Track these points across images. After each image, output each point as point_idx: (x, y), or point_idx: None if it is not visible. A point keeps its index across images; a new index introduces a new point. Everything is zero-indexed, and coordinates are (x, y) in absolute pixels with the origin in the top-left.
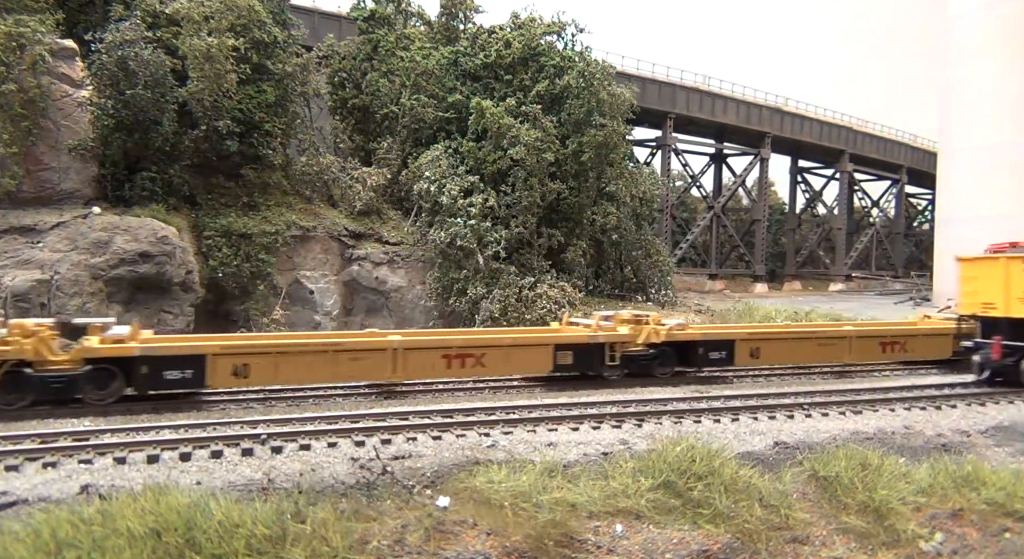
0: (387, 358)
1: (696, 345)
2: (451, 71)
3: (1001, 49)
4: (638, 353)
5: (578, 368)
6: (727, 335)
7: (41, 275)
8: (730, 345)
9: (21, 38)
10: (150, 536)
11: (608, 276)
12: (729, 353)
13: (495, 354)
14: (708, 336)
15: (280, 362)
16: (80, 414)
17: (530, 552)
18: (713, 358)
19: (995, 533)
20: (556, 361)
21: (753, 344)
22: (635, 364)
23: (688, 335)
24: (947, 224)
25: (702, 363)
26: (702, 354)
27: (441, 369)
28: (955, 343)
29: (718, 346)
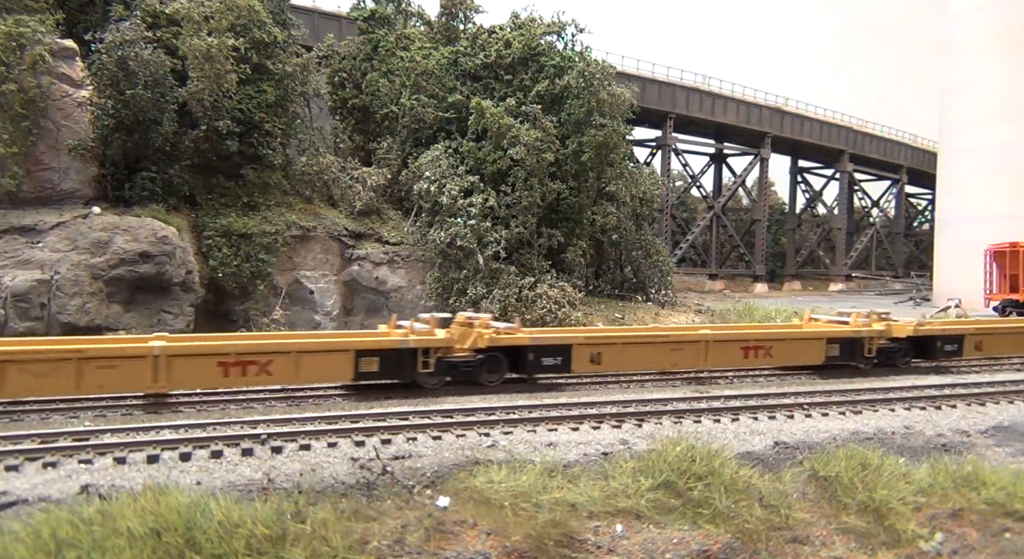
0: (147, 366)
1: (527, 350)
2: (451, 71)
3: (1001, 48)
4: (461, 359)
5: (386, 376)
6: (562, 340)
7: (41, 275)
8: (567, 350)
9: (21, 38)
10: (150, 536)
11: (608, 276)
12: (566, 359)
13: (283, 361)
14: (539, 341)
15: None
16: (80, 414)
17: (530, 552)
18: (547, 364)
19: (995, 533)
20: (359, 368)
21: (594, 349)
22: (457, 371)
23: (516, 340)
24: (947, 224)
25: (533, 369)
26: (533, 360)
27: (216, 378)
28: (829, 348)
29: (553, 351)
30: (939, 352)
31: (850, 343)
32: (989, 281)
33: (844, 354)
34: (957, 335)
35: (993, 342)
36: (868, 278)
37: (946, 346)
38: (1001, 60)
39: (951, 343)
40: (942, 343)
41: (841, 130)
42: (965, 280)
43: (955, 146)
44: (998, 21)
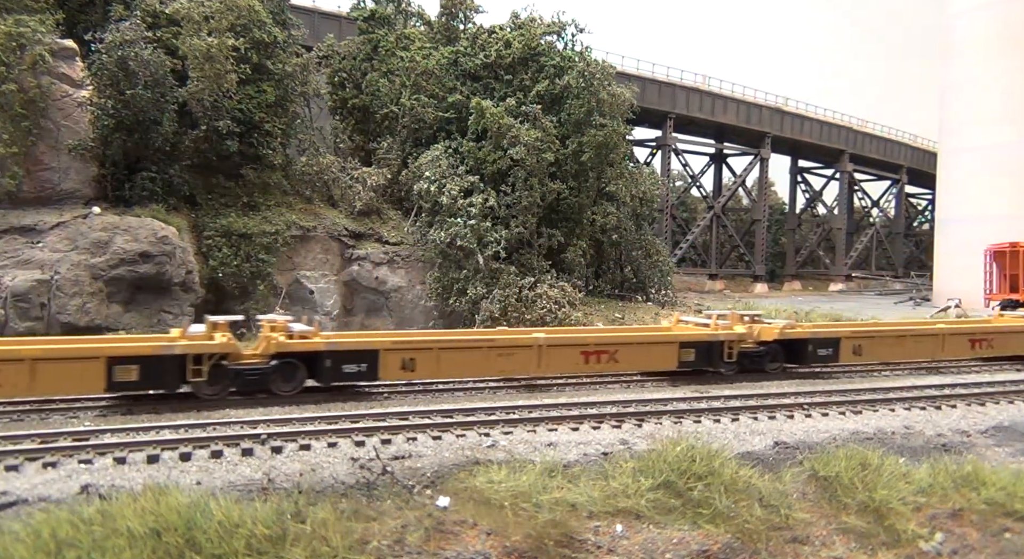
0: None
1: (323, 356)
2: (451, 71)
3: (1001, 48)
4: (247, 366)
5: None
6: (366, 345)
7: (41, 275)
8: (372, 356)
9: (21, 38)
10: (150, 536)
11: (608, 276)
12: (372, 365)
13: None
14: (337, 346)
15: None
16: (80, 414)
17: (530, 552)
18: (348, 372)
19: (995, 533)
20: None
21: (405, 354)
22: (242, 380)
23: (310, 345)
24: (947, 224)
25: (331, 377)
26: (331, 367)
27: None
28: (683, 352)
29: (356, 357)
30: (812, 357)
31: (707, 347)
32: (989, 281)
33: (701, 359)
34: (832, 338)
35: (874, 346)
36: (868, 278)
37: (820, 350)
38: (1001, 60)
39: (825, 347)
40: (815, 347)
41: (841, 130)
42: (965, 280)
43: (955, 146)
44: (998, 21)
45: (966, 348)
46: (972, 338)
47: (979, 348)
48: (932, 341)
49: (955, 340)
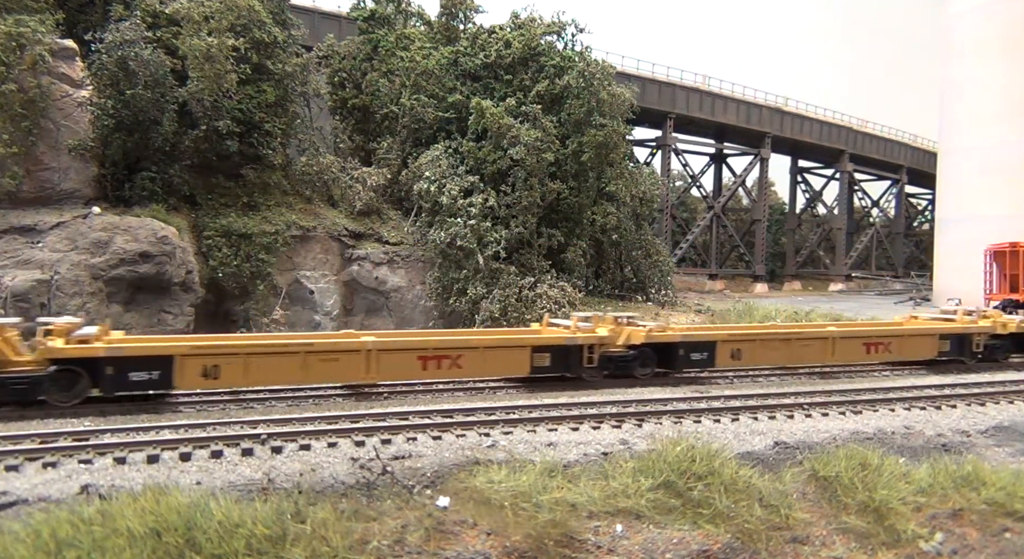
0: None
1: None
2: (451, 71)
3: (1000, 48)
4: None
5: None
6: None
7: (41, 275)
8: (168, 363)
9: (21, 38)
10: (150, 536)
11: (608, 276)
12: (166, 374)
13: None
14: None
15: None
16: (80, 414)
17: (530, 552)
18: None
19: (995, 533)
20: None
21: (207, 360)
22: None
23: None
24: (947, 224)
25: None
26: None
27: None
28: (538, 357)
29: (143, 364)
30: (684, 362)
31: (563, 351)
32: (989, 281)
33: (558, 364)
34: (707, 342)
35: (756, 350)
36: (868, 278)
37: (692, 355)
38: (1001, 60)
39: (699, 351)
40: (686, 351)
41: (841, 130)
42: (965, 280)
43: (955, 146)
44: (998, 21)
45: (860, 352)
46: (867, 342)
47: (875, 352)
48: (821, 345)
49: (848, 344)
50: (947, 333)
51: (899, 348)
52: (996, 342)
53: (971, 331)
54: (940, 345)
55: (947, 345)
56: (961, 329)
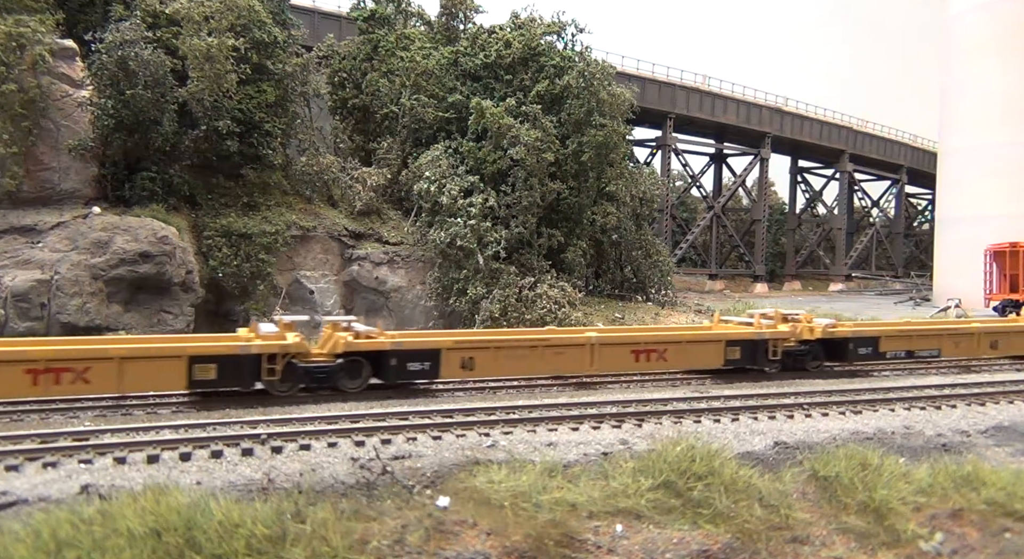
0: None
1: None
2: (451, 71)
3: (1000, 48)
4: None
5: None
6: None
7: (41, 275)
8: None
9: (21, 38)
10: (150, 536)
11: (608, 276)
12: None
13: None
14: None
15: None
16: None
17: (530, 552)
18: None
19: (995, 533)
20: None
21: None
22: None
23: None
24: (947, 224)
25: None
26: None
27: None
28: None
29: None
30: (396, 373)
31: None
32: (989, 281)
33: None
34: (429, 351)
35: (492, 359)
36: (868, 278)
37: (410, 365)
38: (1001, 60)
39: (418, 361)
40: (400, 360)
41: (841, 130)
42: (965, 280)
43: (955, 146)
44: (998, 21)
45: (627, 361)
46: (636, 349)
47: (647, 360)
48: (578, 353)
49: (611, 351)
50: (736, 339)
51: (677, 356)
52: (803, 348)
53: (766, 337)
54: (728, 353)
55: (737, 353)
56: (753, 335)
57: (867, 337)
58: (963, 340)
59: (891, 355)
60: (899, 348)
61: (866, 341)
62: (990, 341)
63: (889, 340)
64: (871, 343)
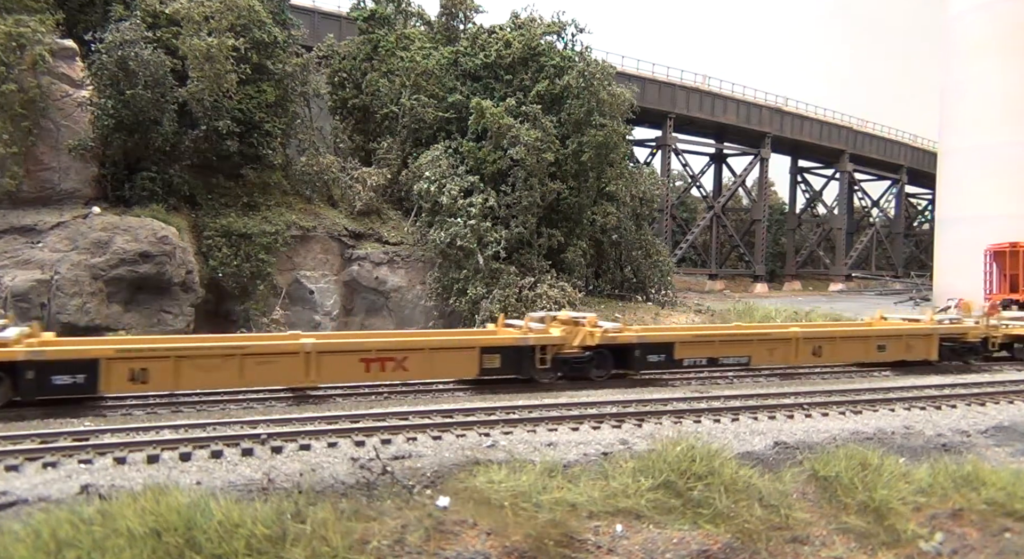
0: None
1: None
2: (451, 71)
3: (1000, 48)
4: None
5: None
6: None
7: (41, 275)
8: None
9: (21, 38)
10: (150, 536)
11: (608, 276)
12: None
13: None
14: None
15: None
16: (81, 414)
17: (530, 552)
18: None
19: (995, 533)
20: None
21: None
22: None
23: None
24: (947, 224)
25: None
26: None
27: None
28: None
29: None
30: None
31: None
32: (989, 281)
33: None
34: (83, 361)
35: (165, 370)
36: (868, 278)
37: (55, 378)
38: (1001, 60)
39: (68, 373)
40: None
41: (841, 130)
42: (965, 280)
43: (955, 146)
44: (998, 21)
45: (355, 370)
46: (367, 357)
47: (381, 370)
48: (290, 362)
49: (335, 360)
50: (495, 346)
51: (420, 365)
52: (584, 356)
53: (530, 343)
54: (486, 360)
55: (496, 360)
56: (516, 341)
57: (658, 343)
58: (779, 346)
59: (689, 363)
60: (699, 355)
61: (657, 347)
62: (812, 347)
63: (686, 346)
64: (663, 350)
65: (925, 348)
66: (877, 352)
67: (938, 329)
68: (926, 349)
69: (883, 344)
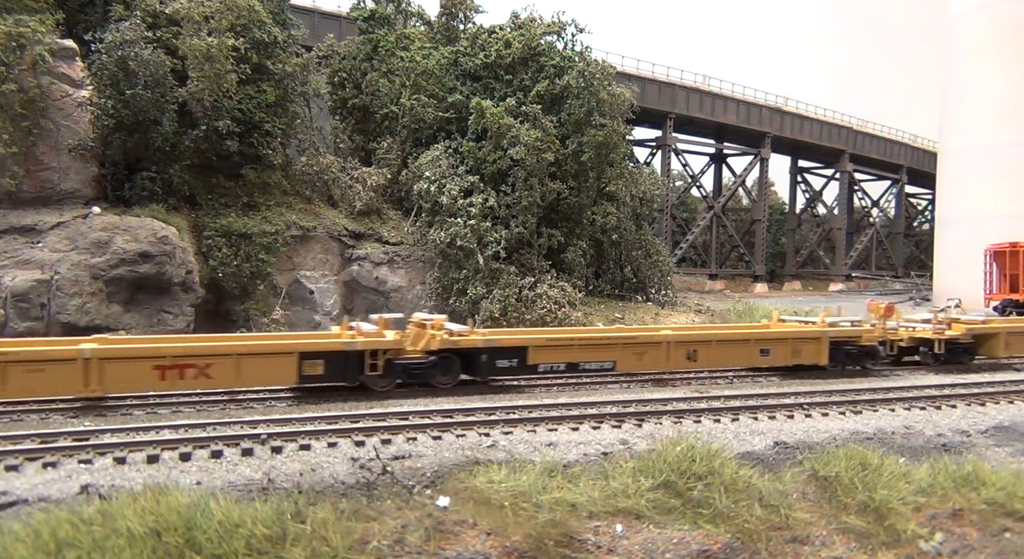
0: None
1: None
2: (451, 71)
3: (1000, 48)
4: None
5: None
6: None
7: (41, 275)
8: None
9: (21, 38)
10: (150, 536)
11: (608, 276)
12: None
13: None
14: None
15: None
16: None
17: (530, 552)
18: None
19: (995, 533)
20: None
21: None
22: None
23: None
24: (947, 224)
25: None
26: None
27: None
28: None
29: None
30: None
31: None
32: (989, 281)
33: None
34: None
35: None
36: (868, 278)
37: None
38: (1001, 60)
39: None
40: None
41: (841, 130)
42: (965, 280)
43: (955, 146)
44: (998, 21)
45: (150, 378)
46: (162, 365)
47: (179, 378)
48: (65, 370)
49: (123, 367)
50: (316, 351)
51: (225, 373)
52: (425, 361)
53: (358, 348)
54: (306, 367)
55: (319, 367)
56: (341, 345)
57: (508, 347)
58: (648, 350)
59: (545, 368)
60: (557, 360)
61: (508, 352)
62: (686, 352)
63: (541, 350)
64: (515, 354)
65: (815, 352)
66: (760, 357)
67: (828, 332)
68: (816, 353)
69: (766, 348)
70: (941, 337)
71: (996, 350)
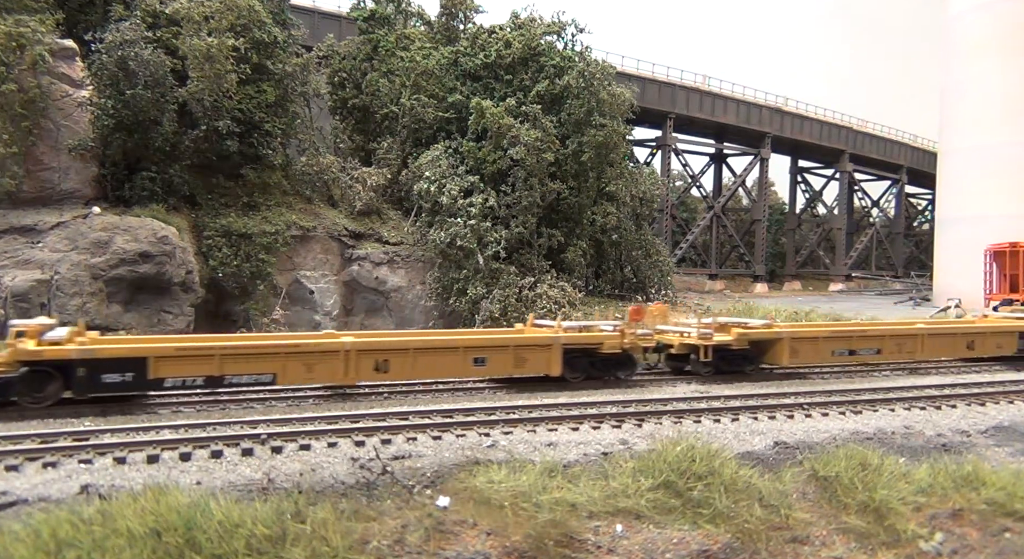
0: None
1: None
2: (451, 71)
3: (1000, 48)
4: None
5: None
6: None
7: (41, 275)
8: None
9: (21, 38)
10: (150, 536)
11: (608, 276)
12: None
13: None
14: None
15: None
16: (80, 414)
17: (530, 552)
18: None
19: (995, 533)
20: None
21: None
22: None
23: None
24: (947, 224)
25: None
26: None
27: None
28: None
29: None
30: None
31: None
32: (989, 281)
33: None
34: None
35: None
36: (868, 278)
37: None
38: (1001, 60)
39: None
40: None
41: (841, 130)
42: (965, 280)
43: (955, 146)
44: (998, 21)
45: None
46: None
47: None
48: None
49: None
50: None
51: None
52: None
53: None
54: None
55: None
56: None
57: (119, 358)
58: (320, 361)
59: (174, 383)
60: (192, 373)
61: (119, 364)
62: (374, 362)
63: (169, 362)
64: (131, 367)
65: (544, 362)
66: (474, 366)
67: (560, 338)
68: (545, 363)
69: (481, 357)
70: (708, 343)
71: (780, 358)
